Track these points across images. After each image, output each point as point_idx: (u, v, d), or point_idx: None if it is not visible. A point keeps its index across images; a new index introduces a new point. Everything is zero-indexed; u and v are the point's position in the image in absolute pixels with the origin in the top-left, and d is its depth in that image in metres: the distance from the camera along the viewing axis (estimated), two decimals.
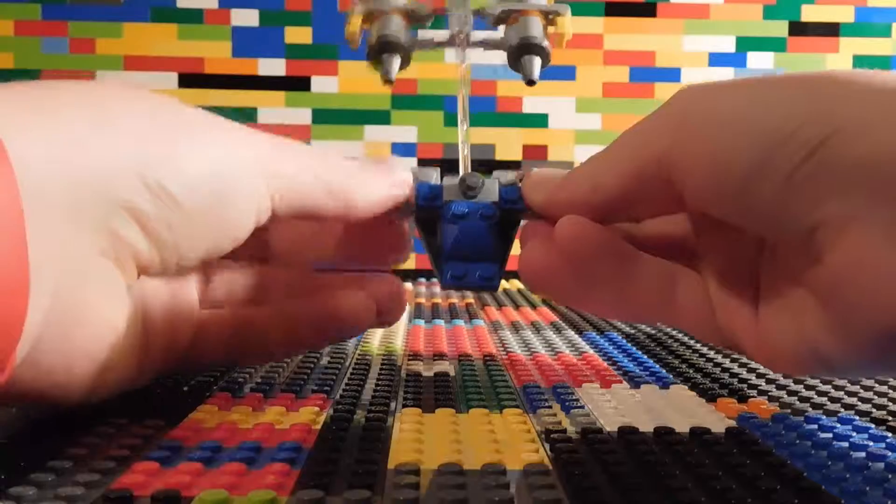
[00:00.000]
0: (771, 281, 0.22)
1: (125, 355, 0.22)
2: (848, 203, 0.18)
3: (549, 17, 0.34)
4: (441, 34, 0.34)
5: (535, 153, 0.78)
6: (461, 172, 0.28)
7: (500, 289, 0.58)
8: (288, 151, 0.25)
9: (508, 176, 0.27)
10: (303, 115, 0.76)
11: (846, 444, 0.22)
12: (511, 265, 0.26)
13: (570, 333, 0.39)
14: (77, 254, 0.20)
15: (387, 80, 0.33)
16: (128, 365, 0.23)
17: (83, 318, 0.20)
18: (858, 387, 0.29)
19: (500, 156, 0.77)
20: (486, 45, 0.34)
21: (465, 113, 0.31)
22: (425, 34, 0.34)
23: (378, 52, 0.33)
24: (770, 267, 0.22)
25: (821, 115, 0.19)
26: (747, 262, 0.23)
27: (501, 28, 0.34)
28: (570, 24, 0.34)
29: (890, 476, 0.19)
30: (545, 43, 0.33)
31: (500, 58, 0.35)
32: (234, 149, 0.23)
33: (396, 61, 0.33)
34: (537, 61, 0.33)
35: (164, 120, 0.22)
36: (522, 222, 0.27)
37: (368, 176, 0.26)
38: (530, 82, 0.33)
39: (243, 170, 0.23)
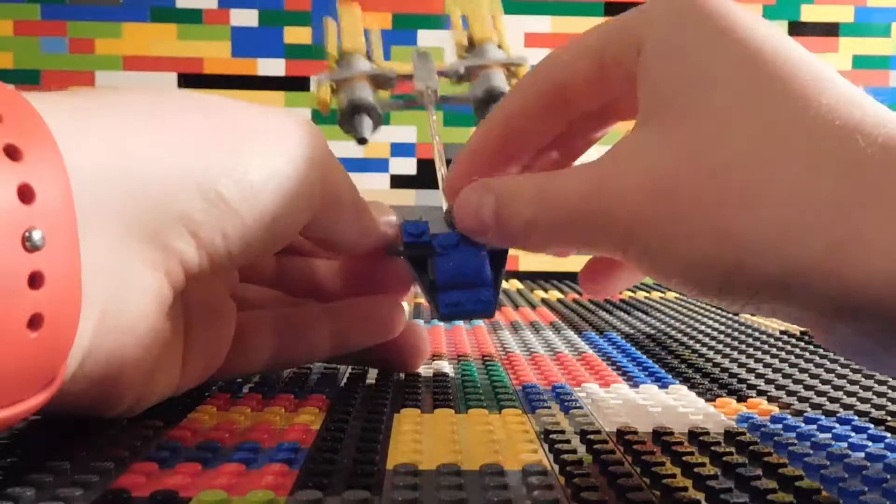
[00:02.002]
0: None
1: (169, 367, 0.22)
2: (772, 307, 0.19)
3: (510, 68, 0.35)
4: (409, 95, 0.36)
5: None
6: (444, 203, 0.28)
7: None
8: (337, 164, 0.25)
9: None
10: (302, 115, 0.76)
11: (845, 445, 0.22)
12: (511, 264, 0.26)
13: (569, 333, 0.39)
14: (128, 266, 0.19)
15: (361, 140, 0.34)
16: (171, 377, 0.23)
17: (132, 330, 0.20)
18: (858, 387, 0.29)
19: None
20: (453, 100, 0.36)
21: (440, 157, 0.31)
22: (392, 101, 0.36)
23: (350, 114, 0.34)
24: None
25: (724, 252, 0.19)
26: None
27: (465, 85, 0.36)
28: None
29: (889, 476, 0.19)
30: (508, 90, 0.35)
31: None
32: (294, 153, 0.22)
33: (367, 121, 0.34)
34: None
35: (224, 127, 0.22)
36: None
37: (373, 212, 0.27)
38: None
39: (302, 176, 0.22)
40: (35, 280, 0.16)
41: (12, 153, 0.16)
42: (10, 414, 0.17)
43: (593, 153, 0.25)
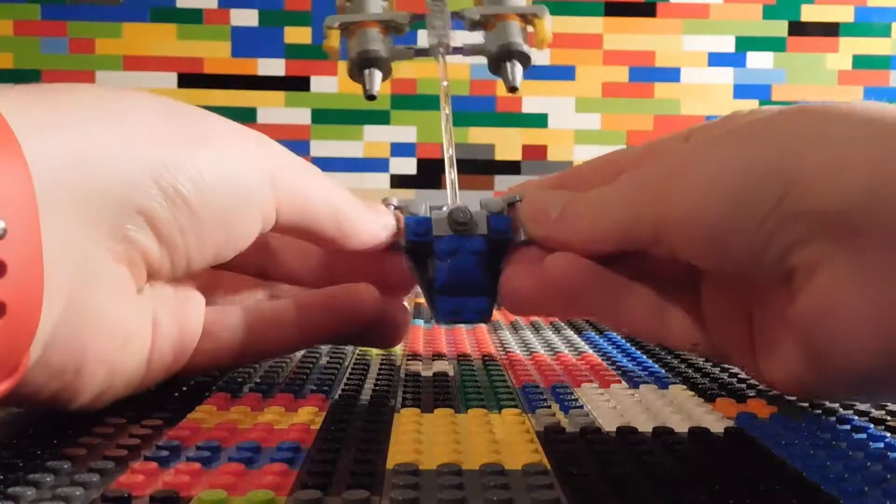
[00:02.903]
0: (761, 315, 0.24)
1: (134, 358, 0.22)
2: (811, 251, 0.20)
3: (527, 19, 0.33)
4: (420, 43, 0.34)
5: (535, 153, 0.78)
6: (449, 198, 0.28)
7: None
8: (300, 166, 0.25)
9: (496, 204, 0.27)
10: (302, 115, 0.76)
11: (845, 444, 0.22)
12: None
13: (569, 333, 0.39)
14: (90, 256, 0.20)
15: (370, 96, 0.33)
16: (136, 369, 0.23)
17: (95, 321, 0.20)
18: None
19: (499, 156, 0.77)
20: (466, 51, 0.34)
21: (448, 117, 0.31)
22: (403, 49, 0.34)
23: (359, 67, 0.33)
24: (759, 302, 0.24)
25: (776, 172, 0.20)
26: (743, 295, 0.24)
27: (480, 32, 0.34)
28: (549, 26, 0.34)
29: (889, 476, 0.19)
30: (525, 48, 0.33)
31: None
32: (248, 156, 0.23)
33: (378, 76, 0.33)
34: (518, 68, 0.33)
35: (181, 125, 0.22)
36: None
37: (365, 212, 0.26)
38: (512, 89, 0.33)
39: (254, 177, 0.23)
40: None
41: None
42: None
43: None
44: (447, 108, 0.31)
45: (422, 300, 0.51)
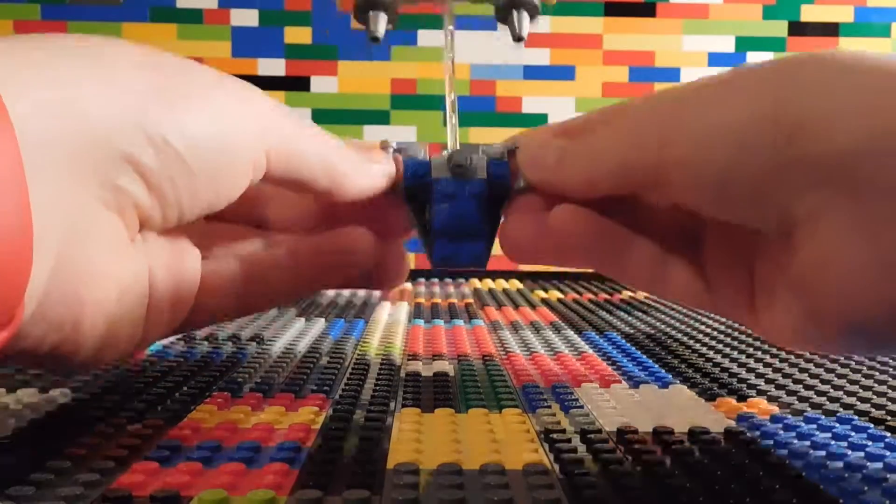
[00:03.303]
0: (761, 266, 0.23)
1: (132, 311, 0.22)
2: (817, 198, 0.19)
3: None
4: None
5: None
6: (449, 143, 0.28)
7: (500, 289, 0.58)
8: (289, 117, 0.25)
9: (496, 149, 0.27)
10: (302, 116, 0.76)
11: (845, 444, 0.22)
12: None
13: (570, 333, 0.39)
14: (81, 207, 0.20)
15: (373, 38, 0.33)
16: (135, 322, 0.23)
17: (89, 271, 0.20)
18: (858, 387, 0.29)
19: None
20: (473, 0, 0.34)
21: (451, 84, 0.30)
22: None
23: (364, 10, 0.33)
24: (762, 254, 0.23)
25: (779, 118, 0.20)
26: (744, 246, 0.24)
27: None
28: None
29: (888, 476, 0.19)
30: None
31: (499, 57, 0.35)
32: (236, 105, 0.23)
33: (383, 18, 0.33)
34: (526, 17, 0.33)
35: (168, 74, 0.22)
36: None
37: (359, 162, 0.26)
38: (518, 38, 0.33)
39: (243, 126, 0.23)
40: None
41: None
42: None
43: None
44: (451, 52, 0.31)
45: (421, 300, 0.51)
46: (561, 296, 0.56)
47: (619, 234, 0.24)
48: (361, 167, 0.26)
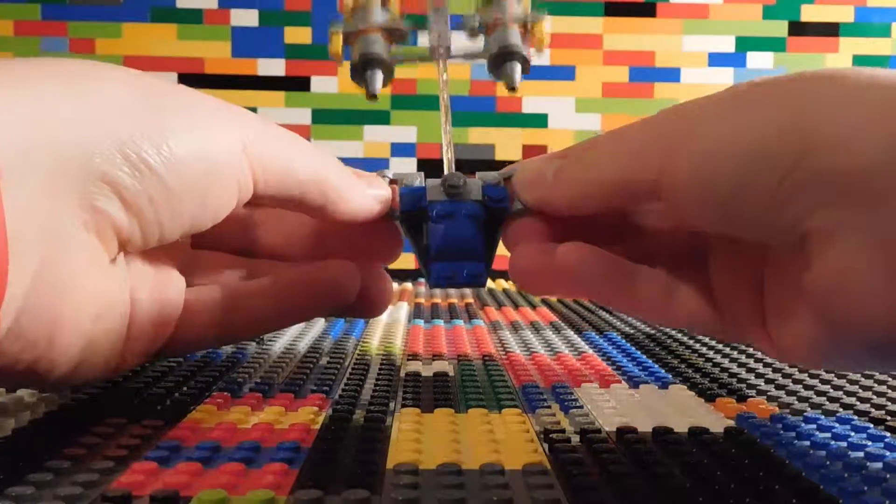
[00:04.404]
0: (774, 284, 0.23)
1: (110, 331, 0.22)
2: (829, 215, 0.19)
3: (526, 25, 0.34)
4: (421, 48, 0.35)
5: (535, 153, 0.77)
6: (446, 170, 0.28)
7: (500, 289, 0.58)
8: (277, 134, 0.25)
9: (492, 177, 0.27)
10: (302, 116, 0.76)
11: (844, 444, 0.22)
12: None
13: (570, 333, 0.39)
14: (58, 225, 0.20)
15: (371, 96, 0.33)
16: (113, 344, 0.23)
17: (67, 290, 0.20)
18: (857, 387, 0.29)
19: (499, 156, 0.77)
20: (467, 56, 0.35)
21: (447, 115, 0.31)
22: (407, 50, 0.35)
23: (361, 69, 0.33)
24: (772, 270, 0.23)
25: (795, 131, 0.19)
26: (752, 264, 0.23)
27: (480, 38, 0.35)
28: (548, 30, 0.34)
29: (888, 476, 0.19)
30: (524, 50, 0.34)
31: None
32: (218, 126, 0.23)
33: (379, 76, 0.34)
34: (518, 68, 0.34)
35: (148, 95, 0.22)
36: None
37: (354, 182, 0.26)
38: (511, 89, 0.33)
39: (226, 147, 0.23)
40: None
41: None
42: None
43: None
44: (446, 101, 0.31)
45: (421, 300, 0.51)
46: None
47: (626, 267, 0.24)
48: (357, 187, 0.26)
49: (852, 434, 0.23)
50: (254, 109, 0.75)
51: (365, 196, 0.26)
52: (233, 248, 0.28)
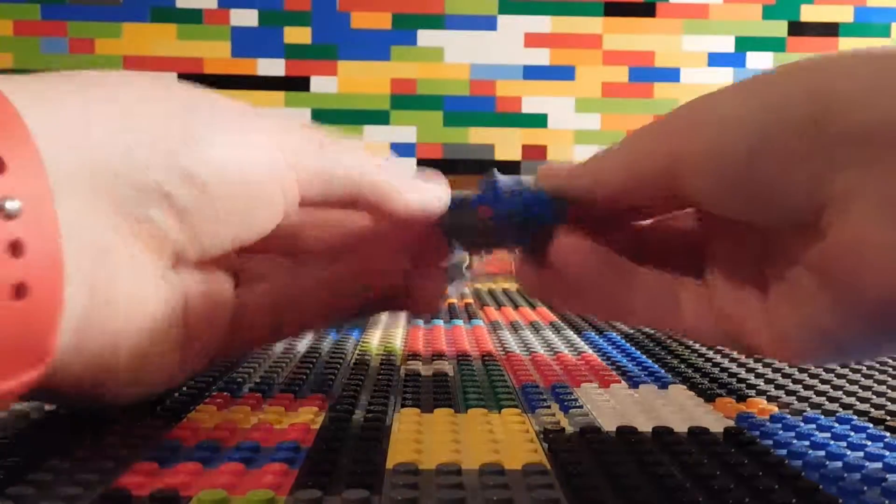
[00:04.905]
0: (776, 274, 0.22)
1: (166, 342, 0.22)
2: (846, 178, 0.18)
3: None
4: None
5: (535, 153, 0.78)
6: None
7: (500, 289, 0.58)
8: (315, 137, 0.25)
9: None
10: (302, 115, 0.76)
11: (844, 444, 0.22)
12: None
13: (569, 333, 0.39)
14: (111, 239, 0.20)
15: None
16: (171, 353, 0.23)
17: (123, 303, 0.20)
18: (857, 387, 0.29)
19: (499, 156, 0.77)
20: None
21: None
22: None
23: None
24: (775, 261, 0.23)
25: (811, 93, 0.19)
26: (753, 262, 0.23)
27: None
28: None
29: (888, 476, 0.19)
30: None
31: (502, 56, 0.34)
32: (258, 135, 0.23)
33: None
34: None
35: (186, 104, 0.22)
36: None
37: (410, 179, 0.26)
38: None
39: (267, 154, 0.23)
40: (15, 248, 0.17)
41: None
42: (5, 387, 0.17)
43: None
44: None
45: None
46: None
47: (623, 266, 0.24)
48: (412, 184, 0.26)
49: (852, 434, 0.23)
50: None
51: (421, 189, 0.26)
52: (275, 251, 0.28)
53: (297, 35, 0.75)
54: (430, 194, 0.27)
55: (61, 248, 0.18)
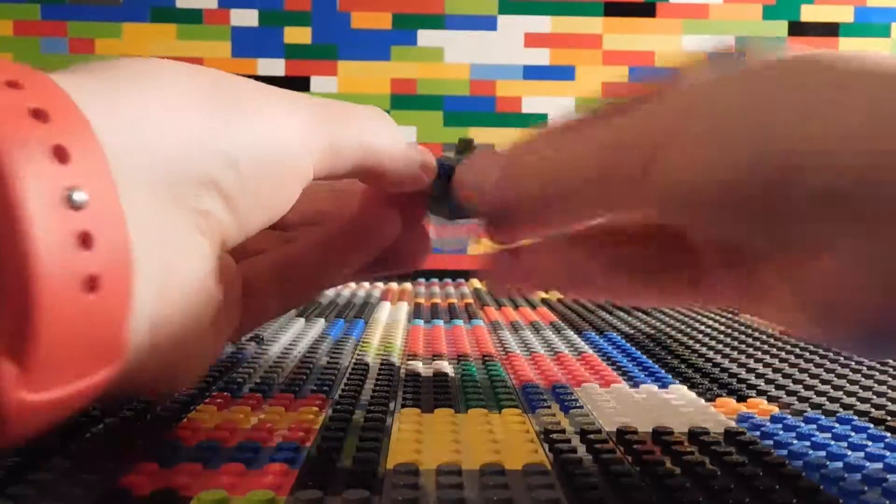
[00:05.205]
0: (761, 270, 0.22)
1: (223, 332, 0.22)
2: (816, 230, 0.18)
3: None
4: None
5: None
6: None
7: None
8: (330, 116, 0.25)
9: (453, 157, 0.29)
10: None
11: (845, 444, 0.22)
12: None
13: (570, 333, 0.39)
14: (171, 230, 0.19)
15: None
16: (221, 340, 0.23)
17: (191, 294, 0.20)
18: (857, 387, 0.29)
19: None
20: None
21: None
22: None
23: None
24: (757, 261, 0.23)
25: (774, 155, 0.19)
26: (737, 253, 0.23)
27: None
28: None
29: (888, 476, 0.19)
30: None
31: (502, 56, 0.34)
32: (281, 113, 0.23)
33: None
34: None
35: (218, 87, 0.22)
36: None
37: (408, 153, 0.27)
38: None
39: (291, 132, 0.23)
40: (84, 240, 0.16)
41: (38, 115, 0.16)
42: (76, 389, 0.16)
43: None
44: None
45: (421, 300, 0.51)
46: (561, 296, 0.56)
47: (592, 268, 0.24)
48: (408, 154, 0.27)
49: (852, 434, 0.23)
50: None
51: (412, 161, 0.27)
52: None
53: (297, 35, 0.75)
54: (426, 160, 0.27)
55: (129, 239, 0.17)
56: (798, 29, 0.77)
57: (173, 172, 0.19)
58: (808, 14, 0.77)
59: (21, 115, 0.16)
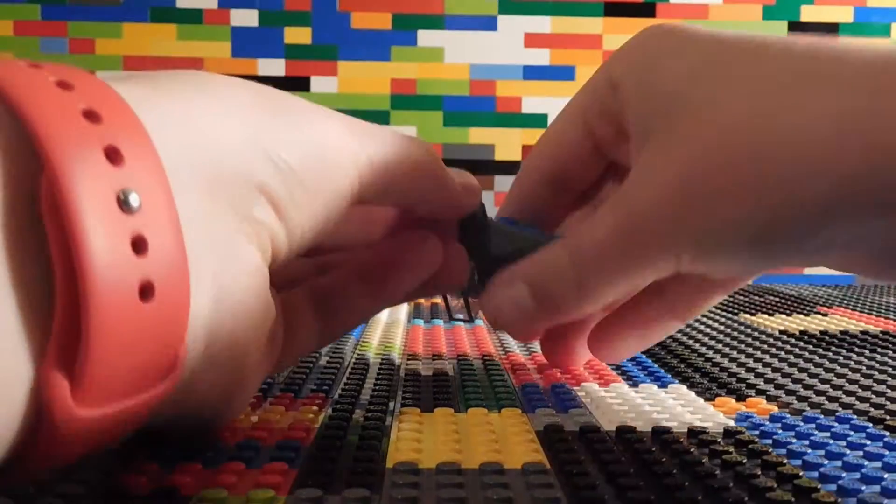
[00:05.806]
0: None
1: (274, 355, 0.22)
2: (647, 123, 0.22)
3: None
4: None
5: None
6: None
7: None
8: (382, 138, 0.24)
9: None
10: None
11: (843, 443, 0.22)
12: None
13: None
14: (225, 240, 0.18)
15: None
16: (271, 365, 0.22)
17: (247, 307, 0.19)
18: (857, 386, 0.29)
19: (499, 156, 0.77)
20: None
21: None
22: None
23: None
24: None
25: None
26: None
27: None
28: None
29: (886, 475, 0.19)
30: None
31: (502, 57, 0.34)
32: (331, 127, 0.22)
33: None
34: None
35: (266, 98, 0.21)
36: None
37: (453, 181, 0.25)
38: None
39: (340, 148, 0.22)
40: (138, 245, 0.15)
41: (90, 116, 0.16)
42: (130, 405, 0.16)
43: None
44: None
45: (420, 300, 0.51)
46: None
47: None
48: (453, 186, 0.25)
49: (851, 433, 0.23)
50: None
51: (454, 188, 0.25)
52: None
53: (297, 35, 0.75)
54: (470, 185, 0.26)
55: (184, 245, 0.16)
56: (798, 29, 0.77)
57: (226, 176, 0.18)
58: (808, 14, 0.77)
59: (73, 116, 0.15)
